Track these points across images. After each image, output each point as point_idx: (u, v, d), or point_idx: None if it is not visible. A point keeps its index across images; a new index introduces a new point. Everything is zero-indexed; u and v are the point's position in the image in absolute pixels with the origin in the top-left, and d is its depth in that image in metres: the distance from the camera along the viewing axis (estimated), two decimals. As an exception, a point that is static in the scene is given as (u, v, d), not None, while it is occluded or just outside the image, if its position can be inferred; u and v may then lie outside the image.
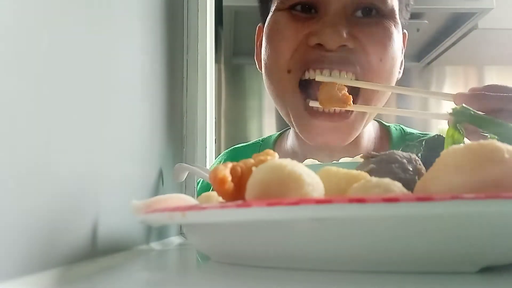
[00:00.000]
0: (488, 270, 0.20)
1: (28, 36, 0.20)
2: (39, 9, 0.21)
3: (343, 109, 0.48)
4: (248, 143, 0.76)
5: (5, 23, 0.18)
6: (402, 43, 0.56)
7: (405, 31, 0.58)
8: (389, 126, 0.66)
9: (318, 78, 0.41)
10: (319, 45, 0.49)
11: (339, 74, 0.49)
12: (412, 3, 0.58)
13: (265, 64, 0.57)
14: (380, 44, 0.50)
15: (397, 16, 0.53)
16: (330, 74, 0.49)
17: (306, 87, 0.52)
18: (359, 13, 0.51)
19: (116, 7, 0.32)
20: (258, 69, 0.62)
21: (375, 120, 0.65)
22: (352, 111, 0.50)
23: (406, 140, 0.62)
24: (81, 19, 0.26)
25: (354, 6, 0.50)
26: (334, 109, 0.49)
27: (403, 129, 0.66)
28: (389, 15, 0.51)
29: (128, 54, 0.34)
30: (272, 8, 0.56)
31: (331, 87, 0.45)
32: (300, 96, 0.52)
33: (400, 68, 0.59)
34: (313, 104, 0.49)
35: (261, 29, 0.61)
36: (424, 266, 0.20)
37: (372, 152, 0.31)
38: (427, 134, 0.63)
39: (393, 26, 0.52)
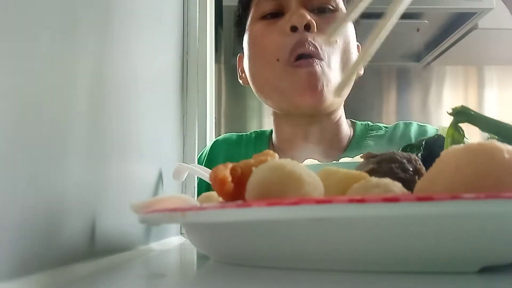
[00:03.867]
0: (488, 270, 0.20)
1: (29, 35, 0.20)
2: (44, 9, 0.21)
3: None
4: (239, 134, 0.82)
5: (7, 22, 0.18)
6: (353, 38, 0.69)
7: (358, 43, 0.70)
8: (356, 122, 0.76)
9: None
10: (293, 31, 0.63)
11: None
12: None
13: (253, 65, 0.68)
14: None
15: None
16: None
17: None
18: (315, 11, 0.66)
19: (118, 7, 0.32)
20: (243, 84, 0.74)
21: (349, 120, 0.76)
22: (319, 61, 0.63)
23: (368, 130, 0.73)
24: (84, 19, 0.26)
25: (311, 6, 0.66)
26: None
27: (368, 123, 0.76)
28: (338, 10, 0.67)
29: (127, 53, 0.34)
30: (247, 24, 0.70)
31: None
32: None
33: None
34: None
35: (241, 58, 0.74)
36: (424, 266, 0.20)
37: (372, 152, 0.31)
38: (387, 128, 0.74)
39: None
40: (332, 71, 0.64)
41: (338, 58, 0.65)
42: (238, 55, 0.76)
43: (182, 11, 0.56)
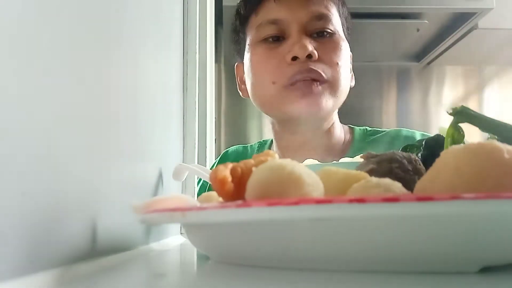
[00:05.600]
0: (488, 270, 0.20)
1: (30, 34, 0.20)
2: (47, 8, 0.21)
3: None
4: (245, 145, 0.88)
5: (8, 23, 0.18)
6: (349, 55, 0.74)
7: (350, 53, 0.74)
8: (354, 127, 0.80)
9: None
10: (293, 60, 0.65)
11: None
12: (350, 27, 0.77)
13: (253, 86, 0.71)
14: (333, 53, 0.69)
15: (342, 34, 0.72)
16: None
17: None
18: (314, 35, 0.69)
19: (118, 8, 0.32)
20: (243, 96, 0.78)
21: (345, 125, 0.79)
22: (320, 86, 0.66)
23: (367, 135, 0.77)
24: (86, 20, 0.26)
25: (310, 30, 0.68)
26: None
27: (366, 128, 0.79)
28: (335, 33, 0.70)
29: (127, 53, 0.34)
30: (247, 43, 0.72)
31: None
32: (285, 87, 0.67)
33: (352, 78, 0.76)
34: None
35: (239, 67, 0.78)
36: (424, 266, 0.20)
37: (372, 152, 0.31)
38: (385, 131, 0.76)
39: (340, 40, 0.71)
40: (336, 89, 0.67)
41: (342, 76, 0.68)
42: (236, 64, 0.79)
43: (182, 11, 0.56)
